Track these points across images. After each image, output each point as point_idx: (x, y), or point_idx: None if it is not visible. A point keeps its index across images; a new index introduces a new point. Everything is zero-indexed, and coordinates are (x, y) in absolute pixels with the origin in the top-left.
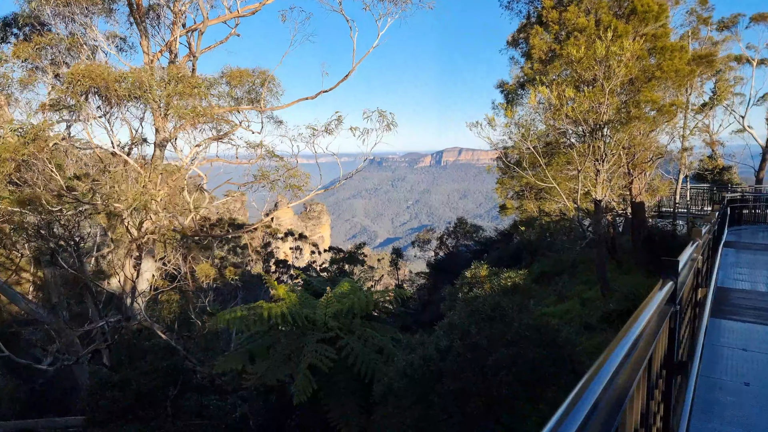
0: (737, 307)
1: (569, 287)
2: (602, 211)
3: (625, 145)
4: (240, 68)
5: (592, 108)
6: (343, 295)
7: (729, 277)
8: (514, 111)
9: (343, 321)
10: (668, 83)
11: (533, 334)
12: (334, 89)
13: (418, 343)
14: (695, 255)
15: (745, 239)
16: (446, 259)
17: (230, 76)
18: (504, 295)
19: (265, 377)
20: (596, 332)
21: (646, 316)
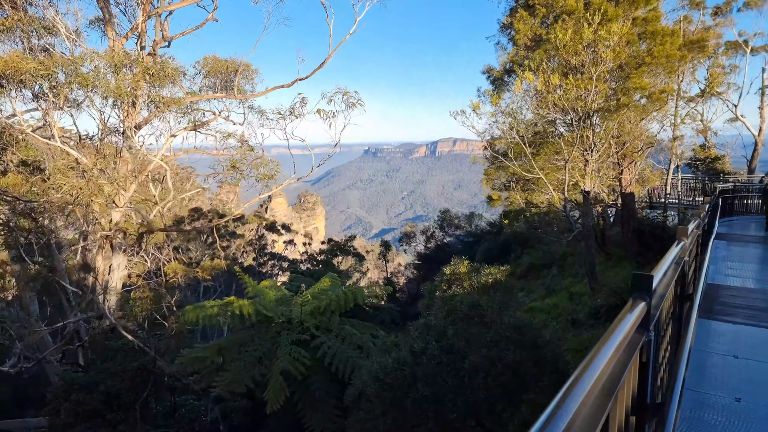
0: (728, 307)
1: (558, 280)
2: (591, 203)
3: (615, 134)
4: (215, 56)
5: (580, 95)
6: (322, 292)
7: (719, 273)
8: (501, 98)
9: (321, 319)
10: (659, 69)
11: (514, 334)
12: (311, 77)
13: (392, 344)
14: (682, 256)
15: (736, 231)
16: (435, 251)
17: (203, 63)
18: (484, 293)
19: (233, 384)
20: (583, 328)
21: (609, 350)
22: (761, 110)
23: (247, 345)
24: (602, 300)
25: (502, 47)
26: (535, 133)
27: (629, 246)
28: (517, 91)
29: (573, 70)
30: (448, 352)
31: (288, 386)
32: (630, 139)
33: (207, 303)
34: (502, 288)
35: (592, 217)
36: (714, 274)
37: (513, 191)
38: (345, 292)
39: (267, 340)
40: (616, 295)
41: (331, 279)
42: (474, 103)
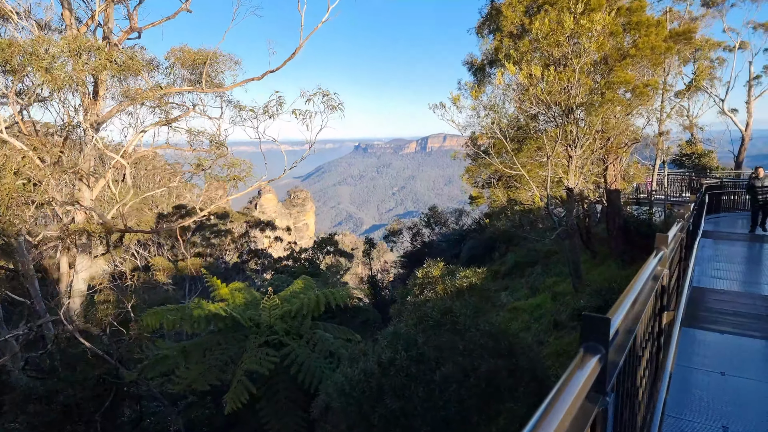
0: (714, 313)
1: (542, 279)
2: (575, 200)
3: (599, 129)
4: (184, 47)
5: (563, 89)
6: (294, 294)
7: (706, 274)
8: (482, 91)
9: (292, 323)
10: (644, 62)
11: (489, 341)
12: (282, 68)
13: (361, 353)
14: (659, 269)
15: (723, 228)
16: (421, 249)
17: (170, 54)
18: (459, 298)
19: (196, 382)
20: (566, 330)
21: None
22: (748, 105)
23: (213, 349)
24: (585, 301)
25: (484, 36)
26: (518, 128)
27: (615, 244)
28: (499, 84)
29: (556, 63)
30: (418, 362)
31: (253, 395)
32: (615, 135)
33: (169, 307)
34: (477, 292)
35: (576, 215)
36: (700, 276)
37: (495, 189)
38: (317, 295)
39: (234, 345)
40: (599, 296)
41: (305, 281)
42: (454, 96)
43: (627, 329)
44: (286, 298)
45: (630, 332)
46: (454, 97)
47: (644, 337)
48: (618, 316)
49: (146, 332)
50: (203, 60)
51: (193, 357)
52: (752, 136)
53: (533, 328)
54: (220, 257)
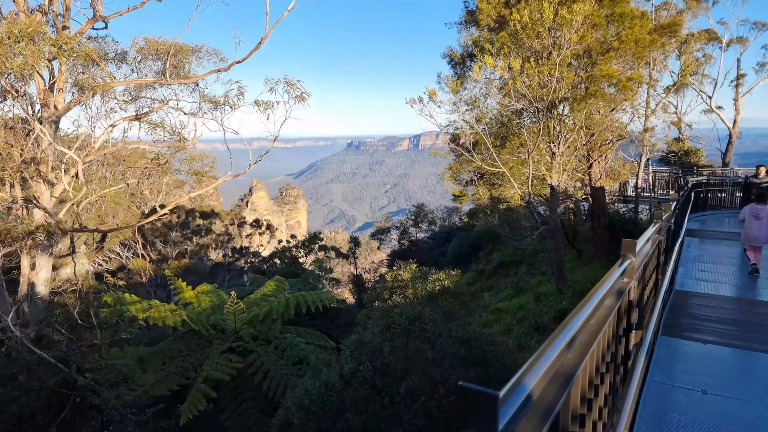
0: (697, 320)
1: (527, 279)
2: (558, 198)
3: (582, 126)
4: (147, 37)
5: (544, 83)
6: (264, 297)
7: (690, 276)
8: (458, 84)
9: (260, 328)
10: (628, 55)
11: (461, 350)
12: (249, 59)
13: (323, 363)
14: (625, 282)
15: (709, 227)
16: (408, 248)
17: (131, 45)
18: (431, 303)
19: (153, 389)
20: (547, 334)
21: None
22: (736, 102)
23: (174, 357)
24: (567, 302)
25: (465, 28)
26: (502, 125)
27: (600, 243)
28: (477, 77)
29: (538, 56)
30: (383, 374)
31: (216, 405)
32: (598, 131)
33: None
34: (450, 296)
35: (560, 213)
36: (683, 278)
37: (477, 186)
38: (287, 298)
39: (197, 351)
40: (581, 297)
41: (277, 282)
42: (430, 90)
43: (561, 378)
44: (255, 302)
45: (567, 380)
46: (430, 91)
47: (595, 375)
48: (521, 392)
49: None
50: (167, 50)
51: (152, 366)
52: (740, 134)
53: (515, 330)
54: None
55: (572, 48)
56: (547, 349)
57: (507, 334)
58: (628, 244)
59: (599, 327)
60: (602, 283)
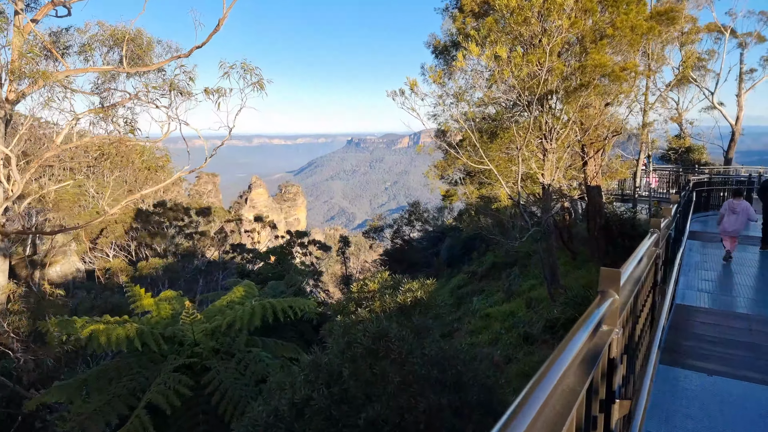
0: (702, 343)
1: (518, 282)
2: (551, 198)
3: (575, 120)
4: (100, 22)
5: (533, 73)
6: (230, 305)
7: (692, 287)
8: (440, 74)
9: (223, 340)
10: (623, 43)
11: (434, 371)
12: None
13: (277, 387)
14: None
15: (712, 228)
16: (402, 248)
17: (83, 30)
18: (401, 317)
19: (89, 422)
20: (537, 345)
21: None
22: (739, 98)
23: (123, 375)
24: (558, 311)
25: (449, 13)
26: (492, 119)
27: (596, 245)
28: (462, 66)
29: (526, 44)
30: (340, 401)
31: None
32: (593, 126)
33: (75, 320)
34: (424, 308)
35: (553, 213)
36: (685, 289)
37: (465, 185)
38: (254, 306)
39: (150, 368)
40: (574, 305)
41: (246, 288)
42: (411, 81)
43: None
44: (221, 309)
45: None
46: (411, 81)
47: None
48: None
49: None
50: (122, 36)
51: (97, 386)
52: (742, 131)
53: (503, 340)
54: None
55: (563, 35)
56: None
57: (494, 344)
58: (609, 276)
59: (561, 418)
60: (564, 346)
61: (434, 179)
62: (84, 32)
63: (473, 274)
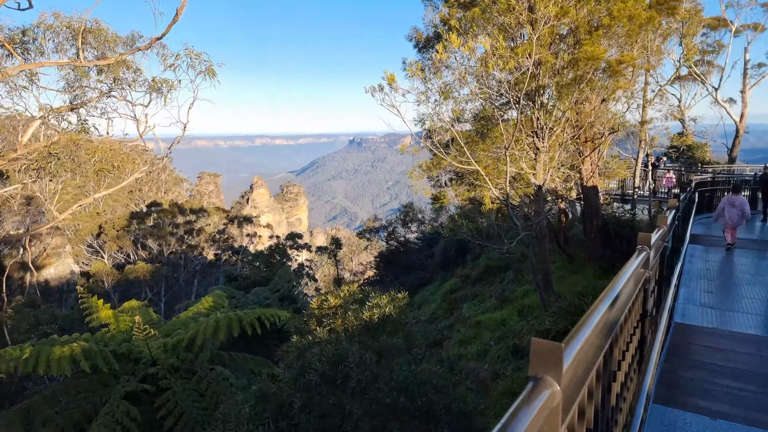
0: (705, 374)
1: (512, 288)
2: (545, 199)
3: (568, 117)
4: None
5: (521, 67)
6: (195, 317)
7: (693, 300)
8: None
9: (185, 356)
10: (620, 34)
11: (401, 399)
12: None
13: (222, 420)
14: None
15: (716, 231)
16: (397, 250)
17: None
18: (366, 337)
19: None
20: (526, 360)
21: None
22: (743, 94)
23: (69, 401)
24: (550, 322)
25: (431, 4)
26: (482, 118)
27: (593, 248)
28: (442, 59)
29: (511, 33)
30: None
31: None
32: (587, 123)
33: (7, 352)
34: (392, 326)
35: (549, 215)
36: (685, 303)
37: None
38: (218, 319)
39: (98, 391)
40: (567, 315)
41: (215, 298)
42: (388, 76)
43: None
44: (185, 322)
45: None
46: (389, 76)
47: None
48: None
49: None
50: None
51: (42, 414)
52: (746, 129)
53: (492, 352)
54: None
55: (551, 24)
56: None
57: (483, 356)
58: (544, 353)
59: None
60: None
61: (419, 180)
62: (39, 24)
63: (467, 277)
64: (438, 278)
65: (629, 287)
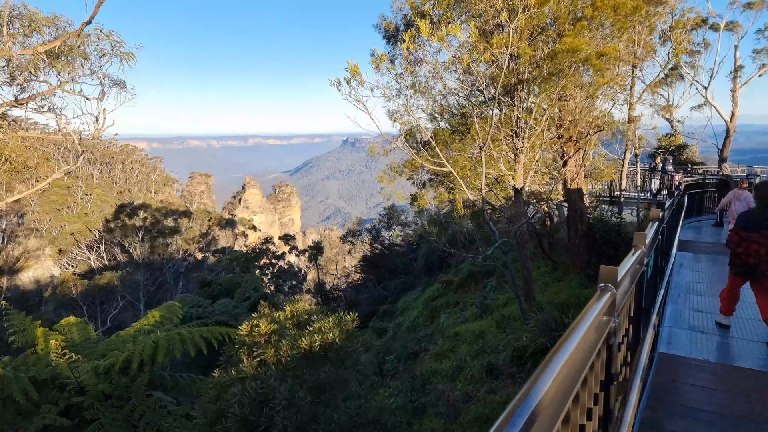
0: (693, 423)
1: (494, 295)
2: (524, 202)
3: (550, 114)
4: None
5: (494, 60)
6: (136, 336)
7: (681, 322)
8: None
9: (119, 381)
10: (605, 25)
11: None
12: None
13: None
14: None
15: (706, 237)
16: (381, 254)
17: None
18: (308, 367)
19: None
20: (501, 380)
21: None
22: (734, 93)
23: None
24: (528, 338)
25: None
26: (462, 115)
27: (577, 254)
28: (409, 49)
29: (486, 23)
30: None
31: None
32: (569, 121)
33: None
34: (337, 355)
35: (531, 220)
36: (672, 326)
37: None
38: (157, 338)
39: (16, 424)
40: (547, 330)
41: (164, 311)
42: (351, 66)
43: None
44: (125, 341)
45: None
46: (352, 66)
47: None
48: None
49: None
50: None
51: None
52: (738, 128)
53: (466, 369)
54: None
55: (530, 11)
56: None
57: (457, 373)
58: None
59: None
60: None
61: (390, 184)
62: None
63: (449, 283)
64: (422, 283)
65: (585, 346)
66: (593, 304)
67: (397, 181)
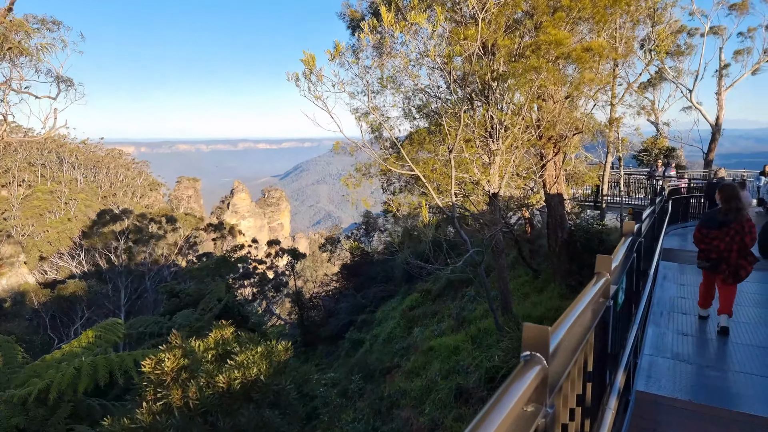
0: None
1: (472, 306)
2: (500, 209)
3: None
4: None
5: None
6: (63, 360)
7: (664, 349)
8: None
9: (36, 413)
10: (583, 17)
11: None
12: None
13: None
14: None
15: (691, 245)
16: (361, 261)
17: None
18: (224, 410)
19: None
20: (471, 404)
21: None
22: (719, 96)
23: None
24: (501, 358)
25: None
26: (436, 113)
27: (558, 263)
28: (367, 39)
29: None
30: None
31: None
32: (546, 121)
33: None
34: (263, 394)
35: (510, 227)
36: (652, 356)
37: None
38: (81, 365)
39: None
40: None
41: (100, 331)
42: (307, 56)
43: None
44: (50, 366)
45: None
46: (306, 57)
47: None
48: None
49: None
50: None
51: None
52: (723, 131)
53: (435, 391)
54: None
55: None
56: None
57: (426, 396)
58: None
59: None
60: None
61: (356, 189)
62: None
63: (427, 292)
64: (402, 291)
65: None
66: (515, 379)
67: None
